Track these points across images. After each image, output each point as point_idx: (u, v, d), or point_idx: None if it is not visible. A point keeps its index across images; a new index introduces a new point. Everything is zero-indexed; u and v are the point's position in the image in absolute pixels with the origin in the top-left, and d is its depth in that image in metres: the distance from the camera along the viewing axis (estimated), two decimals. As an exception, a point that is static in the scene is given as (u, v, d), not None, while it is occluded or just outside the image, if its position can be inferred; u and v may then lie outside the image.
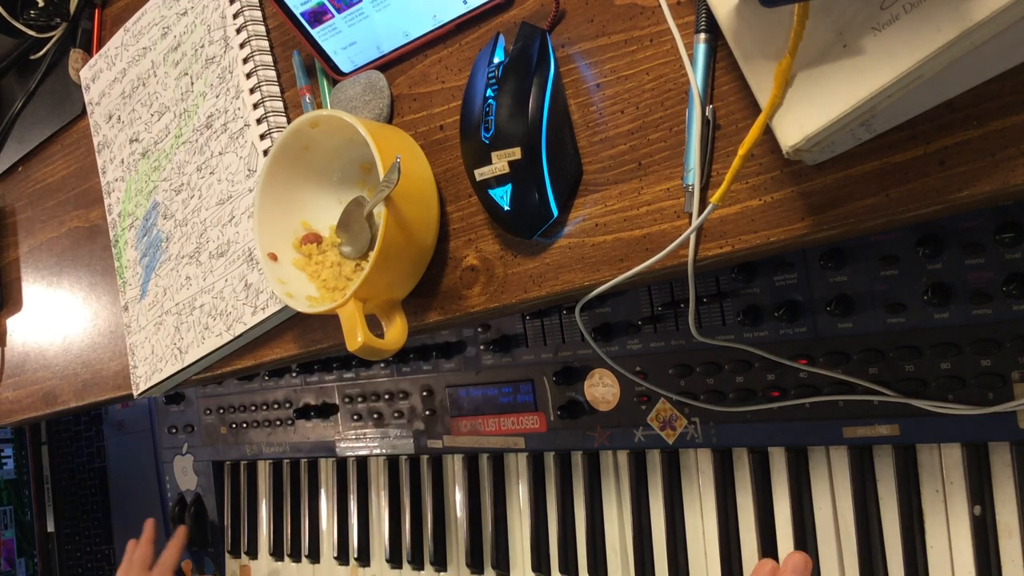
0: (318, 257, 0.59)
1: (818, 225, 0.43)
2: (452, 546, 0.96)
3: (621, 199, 0.50)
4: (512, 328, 0.87)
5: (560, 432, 0.84)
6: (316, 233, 0.60)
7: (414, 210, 0.54)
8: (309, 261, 0.59)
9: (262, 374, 1.10)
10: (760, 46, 0.40)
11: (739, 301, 0.72)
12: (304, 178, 0.59)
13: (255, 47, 0.67)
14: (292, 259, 0.59)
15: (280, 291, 0.57)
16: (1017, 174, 0.38)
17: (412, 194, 0.54)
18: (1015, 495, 0.63)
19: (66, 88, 0.90)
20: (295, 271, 0.59)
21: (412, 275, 0.57)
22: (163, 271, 0.74)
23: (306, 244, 0.59)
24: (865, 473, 0.68)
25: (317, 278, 0.58)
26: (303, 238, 0.59)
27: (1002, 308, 0.61)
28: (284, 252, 0.59)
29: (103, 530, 1.40)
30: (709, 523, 0.77)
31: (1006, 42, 0.35)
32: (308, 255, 0.59)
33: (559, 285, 0.52)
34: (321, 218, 0.60)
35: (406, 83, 0.60)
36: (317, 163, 0.59)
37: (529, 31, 0.51)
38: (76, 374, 0.89)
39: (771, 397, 0.70)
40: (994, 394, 0.62)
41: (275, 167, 0.58)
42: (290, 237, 0.59)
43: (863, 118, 0.38)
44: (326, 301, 0.56)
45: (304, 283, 0.58)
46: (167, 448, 1.25)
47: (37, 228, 0.96)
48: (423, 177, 0.56)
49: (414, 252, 0.55)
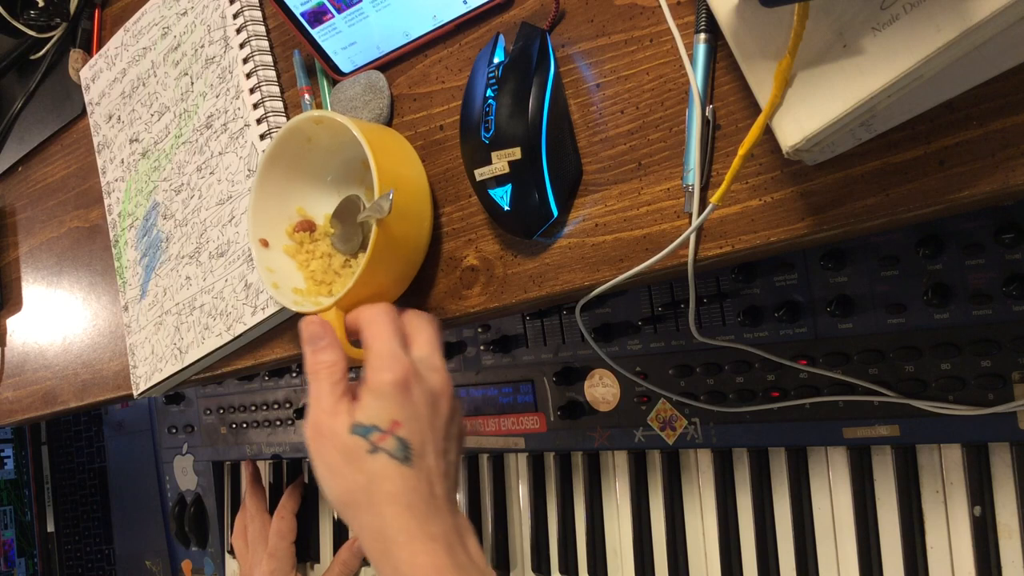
0: (309, 246, 0.59)
1: (818, 225, 0.43)
2: (452, 546, 0.96)
3: (621, 199, 0.50)
4: (512, 328, 0.87)
5: (560, 432, 0.84)
6: (310, 221, 0.60)
7: (405, 228, 0.54)
8: (300, 249, 0.59)
9: (262, 374, 1.10)
10: (760, 46, 0.40)
11: (739, 301, 0.72)
12: (304, 169, 0.59)
13: (255, 47, 0.67)
14: (283, 245, 0.59)
15: (267, 280, 0.56)
16: (1017, 174, 0.38)
17: (404, 213, 0.53)
18: (1015, 496, 0.63)
19: (66, 88, 0.90)
20: (285, 259, 0.59)
21: (398, 287, 0.57)
22: (163, 271, 0.74)
23: (299, 231, 0.59)
24: (865, 474, 0.68)
25: (306, 268, 0.58)
26: (297, 224, 0.59)
27: (1002, 309, 0.61)
28: (276, 238, 0.59)
29: (103, 530, 1.40)
30: (709, 523, 0.77)
31: (1006, 42, 0.35)
32: (300, 243, 0.59)
33: (559, 285, 0.52)
34: (318, 208, 0.60)
35: (406, 83, 0.60)
36: (319, 155, 0.59)
37: (529, 31, 0.51)
38: (76, 374, 0.89)
39: (771, 397, 0.70)
40: (994, 395, 0.62)
41: (275, 156, 0.58)
42: (284, 223, 0.59)
43: (863, 118, 0.38)
44: (311, 295, 0.56)
45: (293, 272, 0.58)
46: (167, 448, 1.25)
47: (37, 228, 0.96)
48: (417, 191, 0.55)
49: (401, 267, 0.55)
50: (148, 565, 1.31)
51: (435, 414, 0.50)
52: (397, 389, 0.48)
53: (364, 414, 0.47)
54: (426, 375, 0.50)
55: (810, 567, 0.71)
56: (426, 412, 0.49)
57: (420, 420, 0.49)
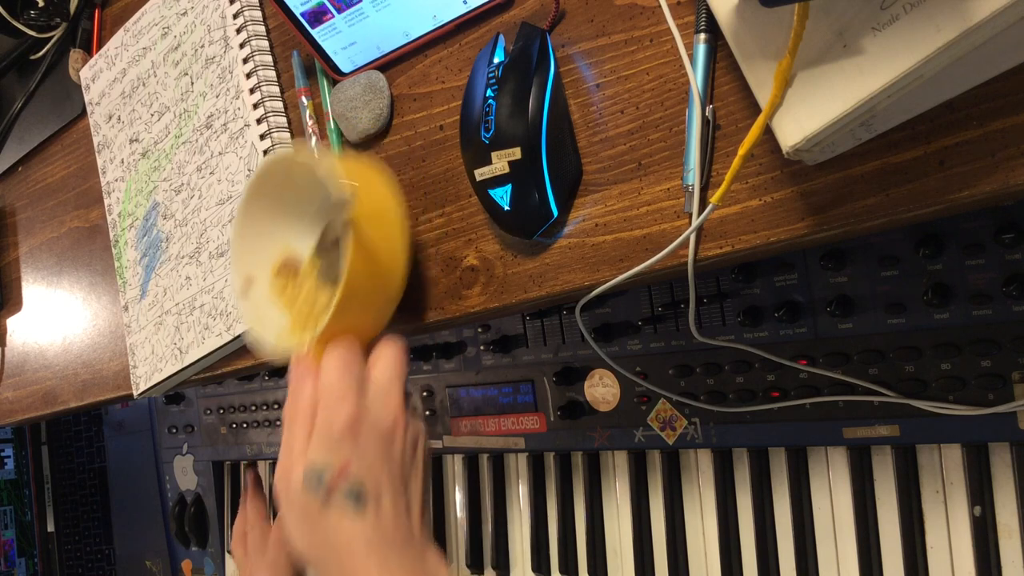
0: (292, 290, 0.57)
1: (818, 225, 0.43)
2: (452, 546, 0.96)
3: (621, 199, 0.50)
4: (512, 328, 0.87)
5: (560, 432, 0.84)
6: (294, 261, 0.58)
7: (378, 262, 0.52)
8: (284, 290, 0.57)
9: (262, 374, 1.10)
10: (760, 46, 0.40)
11: (739, 301, 0.72)
12: (287, 203, 0.57)
13: (255, 47, 0.67)
14: (269, 285, 0.57)
15: (252, 320, 0.55)
16: (1017, 174, 0.38)
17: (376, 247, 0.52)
18: (1015, 496, 0.63)
19: (66, 88, 0.90)
20: (269, 303, 0.57)
21: (378, 317, 0.55)
22: (163, 271, 0.74)
23: (283, 271, 0.57)
24: (865, 474, 0.68)
25: (291, 307, 0.56)
26: (280, 266, 0.57)
27: (1002, 309, 0.61)
28: (261, 278, 0.57)
29: (103, 530, 1.40)
30: (709, 523, 0.77)
31: (1006, 42, 0.35)
32: (284, 284, 0.57)
33: (559, 285, 0.52)
34: (304, 241, 0.58)
35: (406, 83, 0.60)
36: (302, 188, 0.56)
37: (529, 31, 0.51)
38: (76, 374, 0.89)
39: (771, 397, 0.70)
40: (994, 395, 0.62)
41: (255, 195, 0.56)
42: (268, 265, 0.57)
43: (863, 118, 0.38)
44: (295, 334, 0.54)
45: (278, 315, 0.56)
46: (167, 448, 1.25)
47: (37, 228, 0.96)
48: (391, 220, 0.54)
49: (379, 298, 0.54)
50: (148, 565, 1.31)
51: (389, 447, 0.49)
52: (345, 430, 0.47)
53: (315, 456, 0.47)
54: (377, 409, 0.49)
55: (810, 567, 0.71)
56: (378, 448, 0.49)
57: (372, 457, 0.48)
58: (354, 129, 0.61)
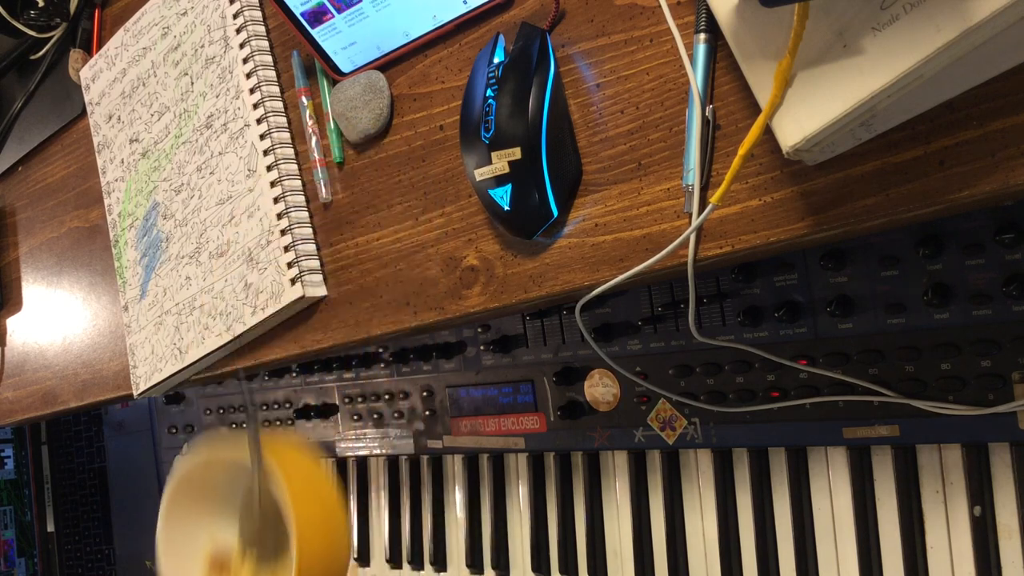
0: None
1: (818, 225, 0.43)
2: (452, 546, 0.96)
3: (621, 199, 0.50)
4: (512, 328, 0.87)
5: (560, 432, 0.84)
6: (223, 556, 0.55)
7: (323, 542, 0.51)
8: None
9: (262, 374, 1.10)
10: (760, 46, 0.40)
11: (739, 301, 0.72)
12: (211, 493, 0.55)
13: (255, 47, 0.67)
14: None
15: None
16: (1017, 174, 0.38)
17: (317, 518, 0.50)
18: (1015, 496, 0.63)
19: (66, 88, 0.90)
20: None
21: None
22: (163, 271, 0.74)
23: (215, 566, 0.55)
24: (865, 474, 0.68)
25: None
26: (211, 562, 0.55)
27: (1002, 309, 0.61)
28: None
29: (103, 530, 1.40)
30: (709, 523, 0.77)
31: (1006, 42, 0.35)
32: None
33: (559, 285, 0.52)
34: (230, 531, 0.55)
35: (406, 83, 0.60)
36: (223, 474, 0.54)
37: (529, 31, 0.51)
38: (76, 374, 0.89)
39: (771, 397, 0.70)
40: (994, 395, 0.62)
41: (174, 499, 0.54)
42: (198, 563, 0.55)
43: (863, 118, 0.38)
44: None
45: None
46: (167, 448, 1.25)
47: (37, 228, 0.96)
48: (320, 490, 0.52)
49: (335, 567, 0.52)
50: (148, 565, 1.31)
51: None
52: None
53: None
54: None
55: (810, 567, 0.71)
56: None
57: None
58: (354, 129, 0.61)
